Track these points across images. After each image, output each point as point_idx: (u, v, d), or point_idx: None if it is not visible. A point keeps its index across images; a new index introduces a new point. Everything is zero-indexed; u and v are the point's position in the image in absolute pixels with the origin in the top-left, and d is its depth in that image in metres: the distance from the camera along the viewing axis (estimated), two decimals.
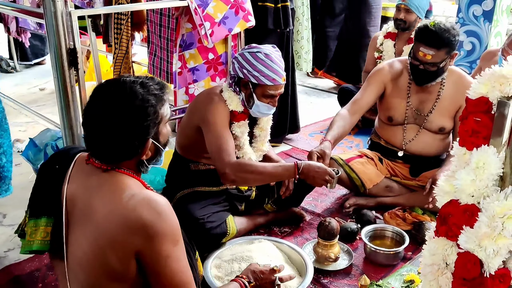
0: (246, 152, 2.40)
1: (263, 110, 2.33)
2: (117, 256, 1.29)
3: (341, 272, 2.29)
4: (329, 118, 4.35)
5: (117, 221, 1.27)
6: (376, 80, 2.79)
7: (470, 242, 1.06)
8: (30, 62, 5.96)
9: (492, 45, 4.18)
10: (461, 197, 1.13)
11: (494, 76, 1.10)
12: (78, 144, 2.45)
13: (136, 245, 1.28)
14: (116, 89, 1.34)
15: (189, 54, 3.02)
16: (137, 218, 1.27)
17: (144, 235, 1.27)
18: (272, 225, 2.65)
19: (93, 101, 1.36)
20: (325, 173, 2.23)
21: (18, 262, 2.31)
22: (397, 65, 2.79)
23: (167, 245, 1.30)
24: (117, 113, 1.30)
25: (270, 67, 2.23)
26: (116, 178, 1.36)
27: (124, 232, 1.27)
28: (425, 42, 2.50)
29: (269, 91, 2.27)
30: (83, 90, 2.47)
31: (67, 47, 2.29)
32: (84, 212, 1.35)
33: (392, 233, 2.50)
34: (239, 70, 2.27)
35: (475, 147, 1.12)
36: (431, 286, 1.18)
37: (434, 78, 2.61)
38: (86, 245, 1.33)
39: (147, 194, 1.32)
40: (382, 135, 2.90)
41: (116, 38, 3.14)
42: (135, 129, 1.33)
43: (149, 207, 1.28)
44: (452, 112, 2.69)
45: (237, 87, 2.32)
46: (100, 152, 1.36)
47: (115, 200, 1.30)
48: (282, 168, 2.28)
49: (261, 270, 1.82)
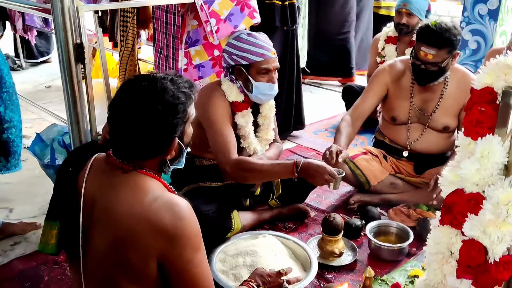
0: (251, 142, 2.41)
1: (264, 90, 2.33)
2: (139, 258, 1.28)
3: (345, 268, 2.30)
4: (334, 116, 4.37)
5: (139, 223, 1.26)
6: (377, 83, 2.79)
7: (475, 229, 1.07)
8: (37, 60, 6.00)
9: (498, 44, 4.17)
10: (466, 186, 1.13)
11: (498, 66, 1.11)
12: (84, 139, 2.46)
13: (159, 249, 1.28)
14: (147, 84, 1.31)
15: (194, 51, 3.03)
16: (159, 222, 1.26)
17: (166, 239, 1.27)
18: (277, 220, 2.65)
19: (122, 96, 1.34)
20: (325, 172, 2.18)
21: (24, 256, 2.33)
22: (399, 65, 2.79)
23: (188, 250, 1.30)
24: (147, 108, 1.28)
25: (255, 44, 2.25)
26: (138, 179, 1.33)
27: (146, 235, 1.26)
28: (426, 41, 2.49)
29: (262, 66, 2.27)
30: (89, 85, 2.48)
31: (74, 42, 2.30)
32: (104, 212, 1.33)
33: (397, 229, 2.50)
34: (229, 59, 2.30)
35: (480, 137, 1.13)
36: (435, 275, 1.19)
37: (436, 78, 2.60)
38: (105, 245, 1.32)
39: (170, 198, 1.31)
40: (386, 134, 2.90)
41: (122, 36, 3.16)
42: (164, 126, 1.31)
43: (172, 212, 1.27)
44: (456, 110, 2.68)
45: (232, 76, 2.34)
46: (126, 148, 1.34)
47: (137, 203, 1.28)
48: (280, 166, 2.27)
49: (268, 273, 1.80)
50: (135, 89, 1.32)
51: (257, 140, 2.49)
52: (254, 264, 2.11)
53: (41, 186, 2.95)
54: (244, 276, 2.07)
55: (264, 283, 1.76)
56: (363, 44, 5.61)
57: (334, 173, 2.20)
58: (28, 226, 2.54)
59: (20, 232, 2.50)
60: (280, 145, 2.67)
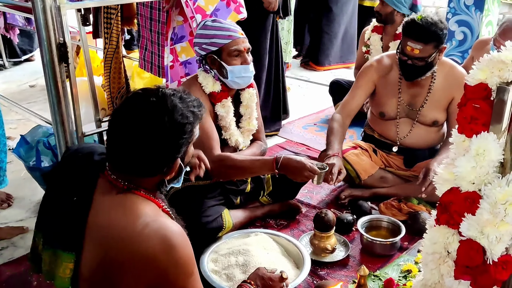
0: (233, 134, 2.39)
1: (239, 73, 2.29)
2: (127, 284, 1.23)
3: (338, 264, 2.29)
4: (322, 111, 4.35)
5: (128, 250, 1.21)
6: (364, 79, 2.77)
7: (472, 230, 1.06)
8: (20, 58, 5.88)
9: (484, 34, 4.19)
10: (461, 184, 1.12)
11: (492, 62, 1.09)
12: (70, 141, 2.41)
13: (148, 278, 1.23)
14: (156, 100, 1.25)
15: (180, 47, 2.99)
16: (150, 250, 1.20)
17: (156, 269, 1.22)
18: (268, 217, 2.63)
19: (128, 109, 1.28)
20: (305, 168, 2.14)
21: (12, 261, 2.28)
22: (386, 60, 2.77)
23: (181, 278, 1.26)
24: (154, 125, 1.23)
25: (220, 28, 2.25)
26: (132, 201, 1.28)
27: (135, 263, 1.21)
28: (412, 36, 2.47)
29: (232, 48, 2.25)
30: (74, 85, 2.43)
31: (57, 41, 2.25)
32: (94, 232, 1.28)
33: (388, 223, 2.49)
34: (200, 50, 2.30)
35: (474, 134, 1.11)
36: (432, 275, 1.17)
37: (423, 73, 2.58)
38: (93, 266, 1.27)
39: (161, 224, 1.24)
40: (376, 128, 2.89)
41: (106, 33, 3.10)
42: (169, 145, 1.26)
43: (163, 239, 1.22)
44: (444, 104, 2.67)
45: (206, 66, 2.32)
46: (126, 164, 1.28)
47: (127, 227, 1.22)
48: (260, 162, 2.26)
49: (270, 277, 1.73)
50: (143, 104, 1.26)
51: (240, 131, 2.46)
52: (247, 263, 2.09)
53: (27, 188, 2.90)
54: (237, 276, 2.05)
55: (264, 285, 1.70)
56: (348, 36, 5.62)
57: (314, 168, 2.16)
58: (15, 230, 2.49)
59: (7, 236, 2.45)
60: (263, 144, 2.60)
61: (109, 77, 3.30)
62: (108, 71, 3.30)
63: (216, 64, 2.29)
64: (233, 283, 2.03)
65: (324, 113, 4.30)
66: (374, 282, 2.11)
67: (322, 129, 3.95)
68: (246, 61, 2.30)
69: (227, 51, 2.25)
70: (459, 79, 2.62)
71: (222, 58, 2.27)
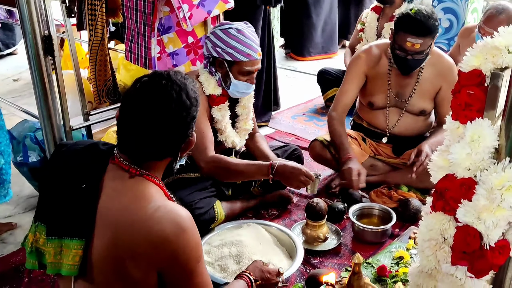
0: (228, 136, 2.38)
1: (241, 89, 2.30)
2: (138, 268, 1.24)
3: (330, 252, 2.30)
4: (311, 100, 4.35)
5: (140, 233, 1.22)
6: (355, 72, 2.76)
7: (469, 216, 1.06)
8: (2, 52, 5.78)
9: (469, 21, 4.20)
10: (457, 171, 1.12)
11: (486, 48, 1.09)
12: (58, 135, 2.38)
13: (159, 260, 1.24)
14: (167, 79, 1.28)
15: (167, 38, 2.95)
16: (161, 233, 1.22)
17: (167, 251, 1.23)
18: (260, 208, 2.64)
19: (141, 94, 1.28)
20: (301, 173, 2.18)
21: (2, 257, 2.25)
22: (375, 51, 2.74)
23: (190, 261, 1.28)
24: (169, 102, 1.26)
25: (243, 42, 2.19)
26: (142, 186, 1.29)
27: (146, 246, 1.22)
28: (412, 31, 2.44)
29: (246, 68, 2.23)
30: (60, 78, 2.39)
31: (42, 34, 2.21)
32: (104, 217, 1.28)
33: (379, 211, 2.51)
34: (213, 49, 2.24)
35: (469, 121, 1.11)
36: (429, 261, 1.18)
37: (420, 64, 2.59)
38: (104, 251, 1.27)
39: (172, 208, 1.27)
40: (364, 117, 2.90)
41: (91, 25, 3.05)
42: (183, 125, 1.30)
43: (174, 222, 1.23)
44: (432, 94, 2.68)
45: (212, 68, 2.29)
46: (142, 148, 1.29)
47: (139, 210, 1.24)
48: (255, 167, 2.26)
49: (268, 270, 1.76)
50: (154, 84, 1.28)
51: (236, 131, 2.46)
52: (240, 254, 2.09)
53: (15, 184, 2.85)
54: (231, 267, 2.05)
55: (262, 278, 1.73)
56: (328, 26, 5.61)
57: (310, 174, 2.20)
58: (3, 226, 2.45)
59: None
60: (262, 135, 2.65)
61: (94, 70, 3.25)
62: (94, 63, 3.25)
63: (223, 70, 2.27)
64: (226, 274, 2.03)
65: (313, 103, 4.30)
66: (367, 269, 2.13)
67: (311, 118, 3.95)
68: (252, 81, 2.29)
69: (239, 68, 2.23)
70: (447, 69, 2.64)
71: (231, 69, 2.24)
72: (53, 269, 1.33)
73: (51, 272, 1.33)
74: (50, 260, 1.32)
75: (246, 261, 2.05)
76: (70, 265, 1.29)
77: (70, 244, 1.29)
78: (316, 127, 3.78)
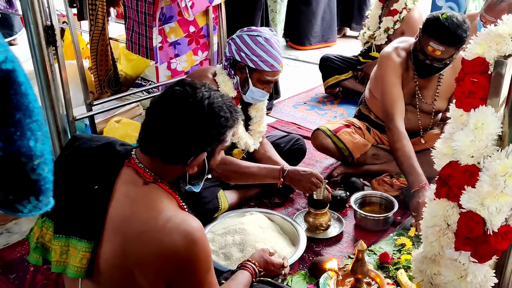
0: (241, 137, 2.39)
1: (257, 96, 2.31)
2: (146, 279, 1.23)
3: (332, 240, 2.32)
4: (312, 89, 4.35)
5: (150, 244, 1.21)
6: (394, 76, 2.57)
7: (472, 202, 1.08)
8: None
9: (471, 9, 4.19)
10: (460, 158, 1.13)
11: (490, 35, 1.10)
12: (61, 125, 2.39)
13: (168, 273, 1.24)
14: (199, 88, 1.31)
15: (169, 27, 2.95)
16: (171, 245, 1.21)
17: (177, 264, 1.23)
18: (262, 197, 2.65)
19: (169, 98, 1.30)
20: (312, 175, 2.20)
21: (8, 247, 2.27)
22: (402, 53, 2.62)
23: (199, 273, 1.28)
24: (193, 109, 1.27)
25: (269, 52, 2.19)
26: (155, 194, 1.29)
27: (156, 257, 1.22)
28: (436, 37, 2.34)
29: (266, 77, 2.24)
30: (63, 68, 2.40)
31: (44, 24, 2.21)
32: (115, 223, 1.27)
33: (381, 199, 2.53)
34: (236, 53, 2.23)
35: (472, 108, 1.12)
36: (432, 247, 1.20)
37: (438, 71, 2.52)
38: (112, 258, 1.26)
39: (183, 219, 1.25)
40: (374, 110, 2.86)
41: (92, 15, 3.04)
42: (201, 130, 1.29)
43: (185, 234, 1.22)
44: (449, 94, 2.67)
45: (232, 70, 2.28)
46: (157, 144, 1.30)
47: (150, 221, 1.23)
48: (266, 170, 2.28)
49: (273, 262, 1.76)
50: (185, 92, 1.30)
51: (249, 133, 2.46)
52: (243, 242, 2.11)
53: None
54: (235, 255, 2.07)
55: (265, 269, 1.72)
56: (327, 15, 5.58)
57: (321, 176, 2.23)
58: (8, 216, 2.47)
59: (1, 222, 2.43)
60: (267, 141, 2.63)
61: (96, 60, 3.25)
62: (95, 53, 3.25)
63: (243, 75, 2.26)
64: (230, 262, 2.05)
65: (314, 92, 4.30)
66: (370, 256, 2.15)
67: (312, 107, 3.96)
68: (269, 90, 2.30)
69: (260, 76, 2.23)
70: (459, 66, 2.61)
71: (251, 75, 2.24)
72: (58, 268, 1.32)
73: (56, 270, 1.33)
74: (55, 259, 1.31)
75: (249, 248, 2.07)
76: (77, 267, 1.28)
77: (78, 246, 1.28)
78: (318, 116, 3.79)
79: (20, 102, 0.65)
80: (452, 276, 1.22)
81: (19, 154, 0.67)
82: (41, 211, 0.75)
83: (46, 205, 0.75)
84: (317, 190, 2.25)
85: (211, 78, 2.30)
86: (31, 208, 0.73)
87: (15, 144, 0.66)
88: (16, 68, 0.63)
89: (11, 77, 0.62)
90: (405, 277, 1.91)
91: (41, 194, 0.73)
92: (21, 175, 0.69)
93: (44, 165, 0.71)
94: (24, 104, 0.65)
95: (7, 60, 0.61)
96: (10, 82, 0.62)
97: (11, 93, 0.63)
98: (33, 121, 0.67)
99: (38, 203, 0.73)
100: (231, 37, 2.29)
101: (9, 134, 0.65)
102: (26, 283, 2.04)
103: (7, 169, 0.67)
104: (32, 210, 0.73)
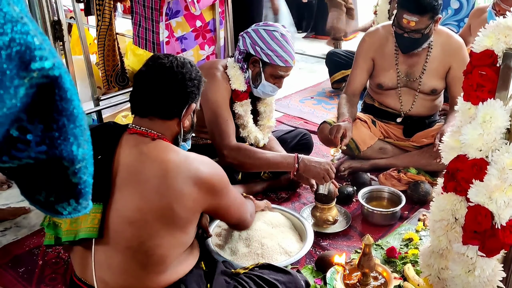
0: (250, 131, 2.39)
1: (268, 90, 2.31)
2: (185, 207, 1.39)
3: (339, 234, 2.32)
4: (319, 84, 4.34)
5: (181, 177, 1.37)
6: (361, 58, 2.77)
7: (480, 195, 1.07)
8: None
9: (479, 2, 4.15)
10: (468, 151, 1.13)
11: (498, 28, 1.08)
12: None
13: (203, 198, 1.43)
14: (174, 59, 1.51)
15: (176, 22, 2.95)
16: (199, 173, 1.40)
17: (208, 190, 1.43)
18: (269, 192, 2.65)
19: (151, 66, 1.50)
20: (327, 163, 2.22)
21: (17, 241, 2.29)
22: (381, 32, 2.75)
23: (227, 195, 1.53)
24: (172, 74, 1.47)
25: (284, 47, 2.20)
26: (165, 144, 1.45)
27: (191, 187, 1.38)
28: (408, 8, 2.45)
29: (279, 72, 2.25)
30: (70, 64, 2.41)
31: (51, 19, 2.22)
32: (135, 174, 1.39)
33: (388, 193, 2.52)
34: (251, 47, 2.23)
35: (480, 101, 1.11)
36: (440, 241, 1.19)
37: (420, 44, 2.58)
38: (127, 211, 1.37)
39: (197, 155, 1.47)
40: (376, 98, 2.88)
41: (99, 10, 3.05)
42: (183, 89, 1.49)
43: (208, 165, 1.45)
44: (442, 73, 2.67)
45: (245, 64, 2.28)
46: (151, 105, 1.47)
47: (172, 161, 1.39)
48: (281, 156, 2.29)
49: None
50: (161, 62, 1.49)
51: (259, 128, 2.46)
52: (250, 236, 2.11)
53: None
54: (240, 250, 2.07)
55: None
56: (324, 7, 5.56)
57: (334, 168, 2.24)
58: (18, 210, 2.49)
59: (10, 217, 2.45)
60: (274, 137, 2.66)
61: (103, 55, 3.26)
62: (102, 49, 3.26)
63: (255, 69, 2.27)
64: (236, 257, 2.05)
65: (321, 86, 4.29)
66: (377, 251, 2.14)
67: (319, 102, 3.95)
68: (280, 85, 2.32)
69: (273, 70, 2.24)
70: (455, 48, 2.63)
71: (264, 69, 2.25)
72: (69, 236, 1.40)
73: (67, 239, 1.41)
74: (66, 229, 1.40)
75: (255, 244, 2.06)
76: (89, 227, 1.37)
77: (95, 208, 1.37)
78: (325, 111, 3.78)
79: (65, 107, 0.66)
80: (459, 271, 1.21)
81: (62, 158, 0.69)
82: (80, 213, 0.78)
83: (85, 208, 0.77)
84: (324, 184, 2.24)
85: (222, 71, 2.30)
86: (71, 210, 0.75)
87: (59, 148, 0.67)
88: (62, 74, 0.65)
89: (58, 83, 0.64)
90: (412, 272, 1.90)
91: (81, 197, 0.75)
92: (63, 178, 0.72)
93: (85, 169, 0.74)
94: (69, 110, 0.67)
95: (54, 67, 0.63)
96: (56, 88, 0.64)
97: (57, 99, 0.65)
98: (77, 126, 0.69)
99: (78, 205, 0.76)
100: (246, 30, 2.29)
101: (53, 139, 0.66)
102: (34, 277, 2.06)
103: (50, 172, 0.69)
104: (71, 212, 0.76)
